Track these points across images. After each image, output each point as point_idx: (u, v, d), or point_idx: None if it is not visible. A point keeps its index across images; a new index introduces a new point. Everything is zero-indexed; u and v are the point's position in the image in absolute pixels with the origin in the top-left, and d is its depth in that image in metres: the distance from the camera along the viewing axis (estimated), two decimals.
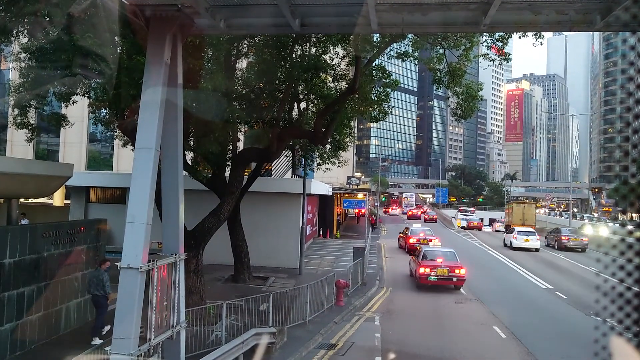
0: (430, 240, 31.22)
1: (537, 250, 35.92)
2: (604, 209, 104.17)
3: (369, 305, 18.04)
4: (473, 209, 79.08)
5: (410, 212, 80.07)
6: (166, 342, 8.71)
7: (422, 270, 20.69)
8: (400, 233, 37.46)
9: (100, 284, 12.19)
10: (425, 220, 66.68)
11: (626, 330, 1.61)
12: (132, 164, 8.32)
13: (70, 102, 15.69)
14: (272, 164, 26.75)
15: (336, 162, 22.85)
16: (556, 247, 37.61)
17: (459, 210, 71.87)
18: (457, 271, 20.55)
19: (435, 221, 69.00)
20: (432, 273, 20.49)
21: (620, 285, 1.80)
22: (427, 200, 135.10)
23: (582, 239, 37.63)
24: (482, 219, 67.82)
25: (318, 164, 22.97)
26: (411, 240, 31.34)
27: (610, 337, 1.61)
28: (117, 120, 15.84)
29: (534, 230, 40.06)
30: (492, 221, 68.85)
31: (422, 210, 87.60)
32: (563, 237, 37.63)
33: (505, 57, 15.70)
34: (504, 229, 52.42)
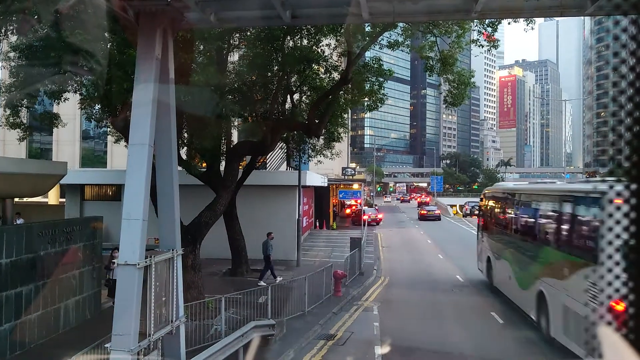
0: (376, 216, 48.58)
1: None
2: None
3: (367, 294, 18.12)
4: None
5: (402, 198, 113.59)
6: (166, 337, 8.73)
7: (364, 217, 38.83)
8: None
9: (266, 249, 18.55)
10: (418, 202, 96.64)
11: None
12: (126, 160, 8.29)
13: (62, 100, 15.59)
14: (267, 157, 26.72)
15: (329, 154, 22.83)
16: None
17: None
18: (378, 217, 47.59)
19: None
20: (369, 218, 42.11)
21: None
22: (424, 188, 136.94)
23: None
24: None
25: (309, 157, 22.92)
26: (364, 217, 42.83)
27: (599, 326, 1.60)
28: (110, 116, 15.76)
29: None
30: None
31: (410, 196, 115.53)
32: None
33: (494, 43, 15.70)
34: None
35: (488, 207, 20.87)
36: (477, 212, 28.88)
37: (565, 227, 12.18)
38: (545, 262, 13.08)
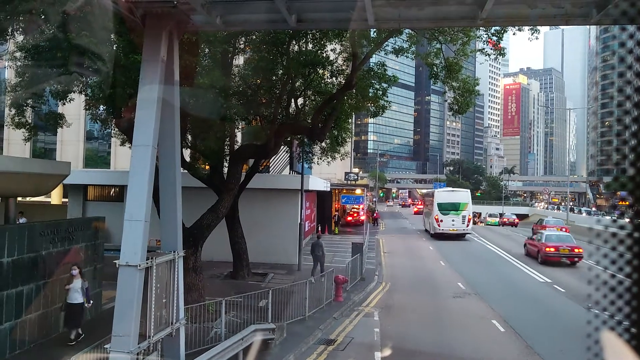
0: (360, 217, 50.15)
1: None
2: None
3: (368, 300, 18.07)
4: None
5: (403, 203, 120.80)
6: (166, 339, 8.72)
7: (349, 218, 49.67)
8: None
9: (319, 248, 20.38)
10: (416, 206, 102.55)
11: (618, 324, 1.61)
12: (129, 161, 8.30)
13: (67, 100, 15.63)
14: (270, 160, 26.74)
15: (337, 155, 22.85)
16: None
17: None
18: (360, 219, 46.95)
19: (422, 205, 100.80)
20: (352, 220, 49.49)
21: None
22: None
23: None
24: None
25: (320, 158, 22.92)
26: (349, 218, 50.91)
27: (602, 331, 1.60)
28: (114, 118, 15.79)
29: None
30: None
31: (411, 202, 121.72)
32: None
33: (500, 51, 15.71)
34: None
35: (422, 199, 71.59)
36: (421, 202, 71.80)
37: (430, 203, 44.12)
38: (429, 213, 43.67)
